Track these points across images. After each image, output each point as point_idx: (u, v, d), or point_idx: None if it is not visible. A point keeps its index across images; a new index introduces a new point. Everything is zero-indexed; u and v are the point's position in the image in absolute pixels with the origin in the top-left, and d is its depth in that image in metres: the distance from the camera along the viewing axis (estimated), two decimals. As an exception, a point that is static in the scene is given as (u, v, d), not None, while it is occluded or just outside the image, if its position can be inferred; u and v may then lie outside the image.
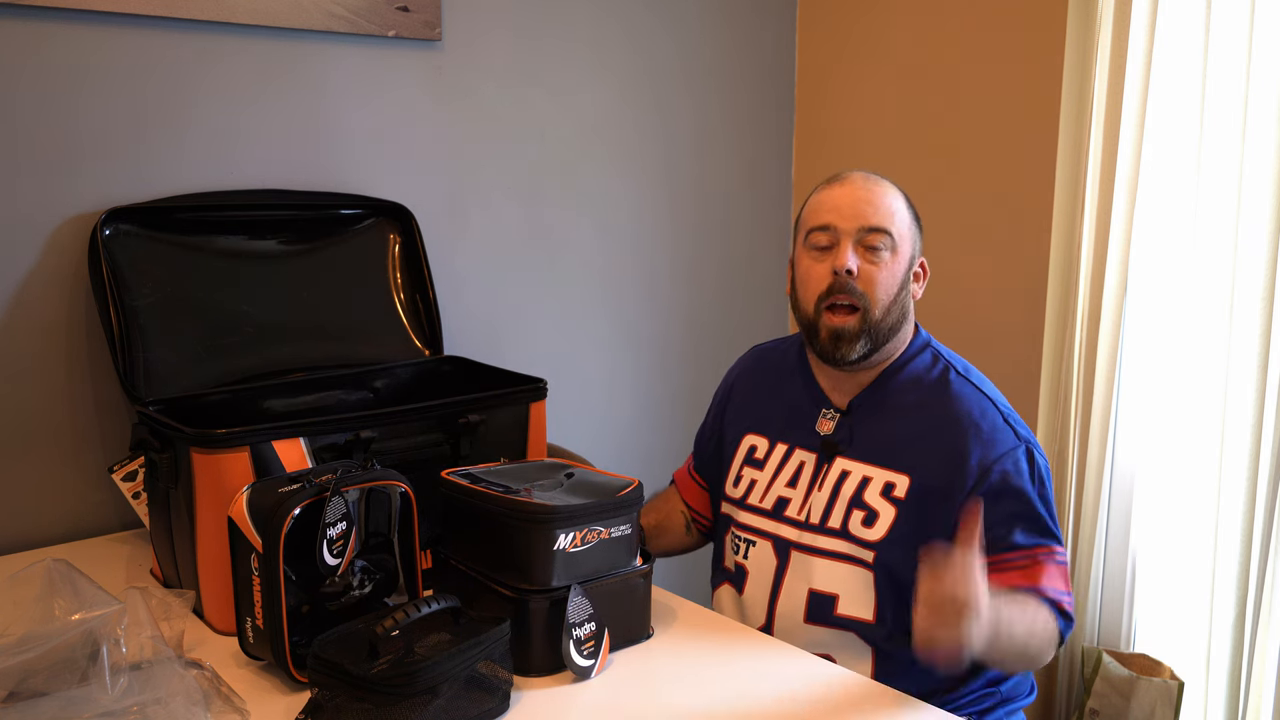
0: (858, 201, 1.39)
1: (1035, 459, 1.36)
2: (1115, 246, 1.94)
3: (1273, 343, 1.76)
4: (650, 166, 2.24)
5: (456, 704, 1.07)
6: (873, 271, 1.37)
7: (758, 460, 1.49)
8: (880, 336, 1.39)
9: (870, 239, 1.37)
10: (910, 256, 1.41)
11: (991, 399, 1.39)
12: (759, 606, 1.44)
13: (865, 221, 1.38)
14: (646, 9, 2.17)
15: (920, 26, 2.21)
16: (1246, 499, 1.82)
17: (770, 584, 1.43)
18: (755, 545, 1.46)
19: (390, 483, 1.22)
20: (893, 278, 1.38)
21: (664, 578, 1.40)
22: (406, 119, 1.87)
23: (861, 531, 1.36)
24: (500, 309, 2.05)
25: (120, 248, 1.56)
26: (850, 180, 1.42)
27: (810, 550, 1.40)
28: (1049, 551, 1.33)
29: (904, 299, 1.41)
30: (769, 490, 1.46)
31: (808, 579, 1.39)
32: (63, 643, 1.02)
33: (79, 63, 1.55)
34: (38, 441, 1.58)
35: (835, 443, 1.42)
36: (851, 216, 1.38)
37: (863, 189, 1.40)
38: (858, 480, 1.39)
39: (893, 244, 1.38)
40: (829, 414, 1.45)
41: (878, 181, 1.42)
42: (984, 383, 1.42)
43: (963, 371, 1.43)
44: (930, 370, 1.43)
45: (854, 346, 1.38)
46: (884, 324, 1.38)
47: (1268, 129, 1.75)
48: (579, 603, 1.19)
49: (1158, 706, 1.89)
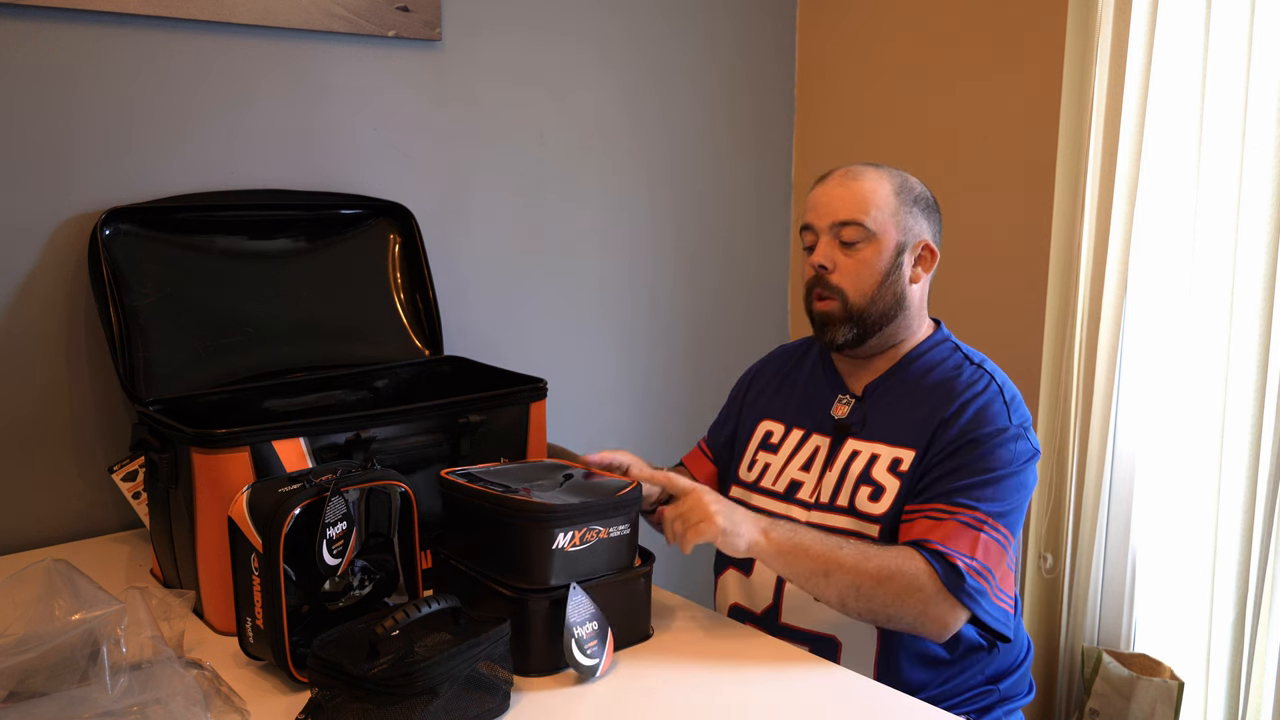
0: (831, 199, 1.42)
1: (1021, 446, 1.35)
2: (1115, 246, 1.94)
3: (1273, 342, 1.76)
4: (650, 166, 2.24)
5: (456, 704, 1.07)
6: (847, 264, 1.41)
7: (772, 445, 1.51)
8: (868, 322, 1.42)
9: (844, 233, 1.40)
10: (898, 243, 1.41)
11: (1000, 386, 1.40)
12: (766, 588, 1.44)
13: (835, 217, 1.41)
14: (646, 9, 2.17)
15: (920, 27, 2.21)
16: (1246, 499, 1.82)
17: None
18: None
19: (390, 483, 1.22)
20: (869, 268, 1.40)
21: (664, 577, 1.40)
22: (406, 119, 1.87)
23: (868, 506, 1.38)
24: (500, 309, 2.05)
25: (120, 248, 1.56)
26: (830, 177, 1.45)
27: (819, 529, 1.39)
28: (977, 518, 1.30)
29: (893, 285, 1.41)
30: (782, 473, 1.48)
31: None
32: (63, 643, 1.02)
33: (79, 62, 1.55)
34: (38, 441, 1.58)
35: (848, 425, 1.45)
36: (825, 214, 1.42)
37: (838, 185, 1.43)
38: (866, 458, 1.41)
39: (868, 234, 1.40)
40: (845, 399, 1.47)
41: (857, 175, 1.43)
42: (998, 372, 1.43)
43: (978, 361, 1.44)
44: (947, 360, 1.45)
45: (839, 330, 1.42)
46: (870, 310, 1.41)
47: (1268, 129, 1.75)
48: (580, 601, 1.19)
49: (1158, 706, 1.89)
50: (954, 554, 1.27)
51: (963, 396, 1.38)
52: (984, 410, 1.36)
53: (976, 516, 1.30)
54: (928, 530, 1.30)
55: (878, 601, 1.27)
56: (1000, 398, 1.38)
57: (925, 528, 1.30)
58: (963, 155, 2.16)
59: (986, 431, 1.35)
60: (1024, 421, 1.38)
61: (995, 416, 1.36)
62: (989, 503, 1.31)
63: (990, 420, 1.35)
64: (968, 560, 1.27)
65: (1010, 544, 1.34)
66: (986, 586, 1.29)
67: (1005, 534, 1.32)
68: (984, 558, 1.29)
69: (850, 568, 1.26)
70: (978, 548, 1.29)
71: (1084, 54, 1.98)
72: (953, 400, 1.38)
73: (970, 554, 1.28)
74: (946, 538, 1.29)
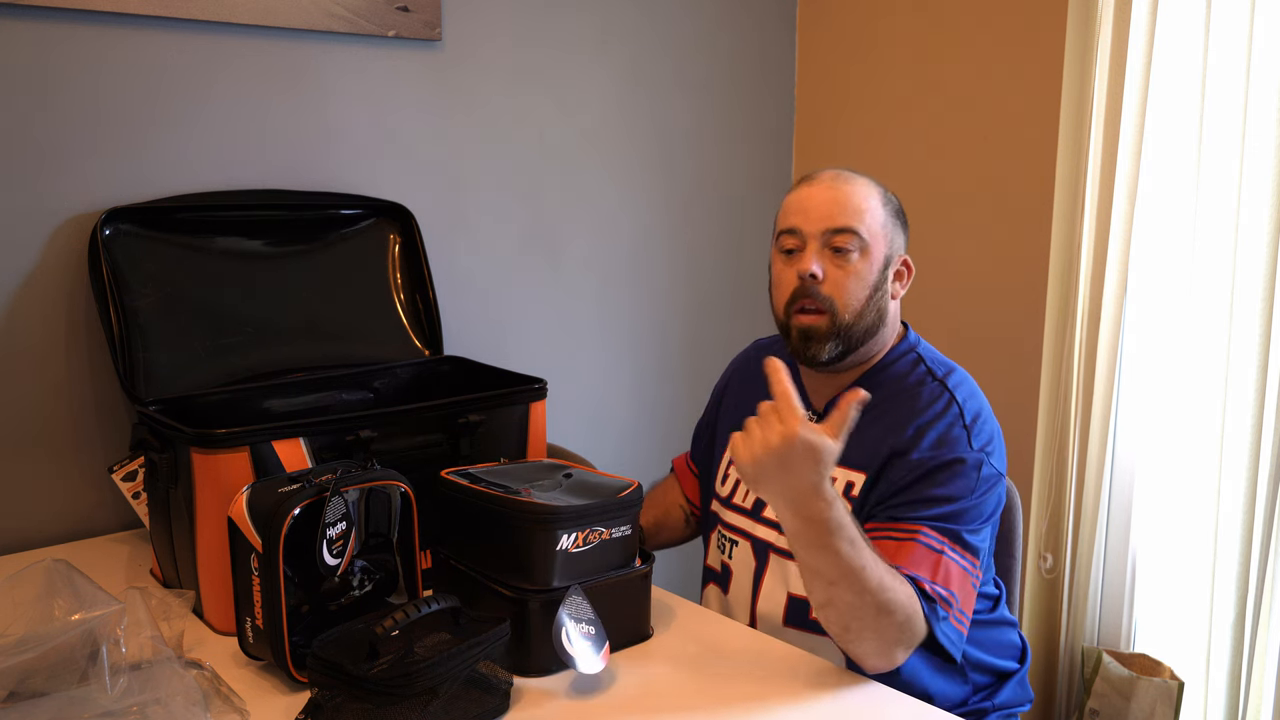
0: (824, 202, 1.34)
1: (984, 473, 1.29)
2: (1115, 246, 1.94)
3: (1273, 342, 1.76)
4: (650, 166, 2.24)
5: (456, 704, 1.07)
6: (839, 276, 1.33)
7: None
8: (853, 339, 1.35)
9: (836, 240, 1.33)
10: (885, 256, 1.35)
11: (961, 407, 1.32)
12: (742, 607, 1.43)
13: (830, 223, 1.33)
14: (646, 9, 2.17)
15: (920, 27, 2.21)
16: (1246, 499, 1.82)
17: (751, 585, 1.42)
18: (738, 545, 1.45)
19: (390, 483, 1.22)
20: (860, 280, 1.33)
21: (664, 578, 1.40)
22: (406, 119, 1.87)
23: None
24: (500, 309, 2.05)
25: (120, 248, 1.56)
26: (819, 179, 1.37)
27: (787, 554, 1.37)
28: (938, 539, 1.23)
29: (879, 300, 1.35)
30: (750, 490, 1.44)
31: (785, 582, 1.37)
32: (63, 643, 1.02)
33: (79, 62, 1.55)
34: (38, 441, 1.58)
35: None
36: (817, 218, 1.33)
37: (830, 188, 1.35)
38: None
39: (862, 244, 1.33)
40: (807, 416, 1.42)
41: (849, 179, 1.36)
42: (962, 388, 1.35)
43: (941, 376, 1.36)
44: (909, 375, 1.37)
45: (824, 347, 1.34)
46: (856, 326, 1.34)
47: (1268, 129, 1.75)
48: (578, 602, 1.19)
49: (1158, 706, 1.89)
50: (921, 579, 1.21)
51: (919, 419, 1.31)
52: (942, 437, 1.29)
53: (935, 538, 1.24)
54: (891, 553, 1.22)
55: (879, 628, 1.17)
56: (960, 421, 1.31)
57: (888, 552, 1.22)
58: (963, 155, 2.16)
59: (945, 459, 1.28)
60: (985, 444, 1.31)
61: (954, 442, 1.29)
62: (950, 524, 1.25)
63: (949, 446, 1.29)
64: (934, 586, 1.22)
65: (973, 569, 1.27)
66: (949, 611, 1.22)
67: (967, 559, 1.26)
68: (945, 581, 1.23)
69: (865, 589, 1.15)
70: (939, 570, 1.23)
71: (1084, 54, 1.98)
72: (908, 423, 1.31)
73: (932, 578, 1.22)
74: (910, 562, 1.22)
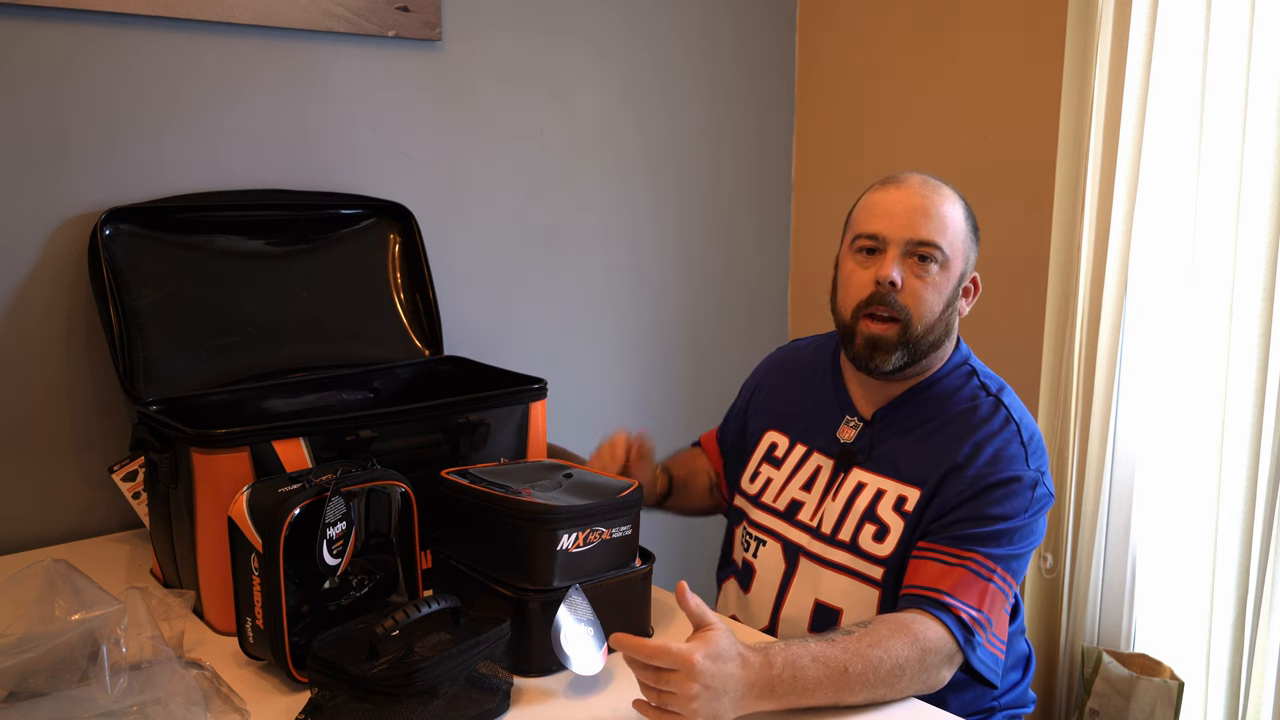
0: (911, 210, 1.31)
1: (1037, 493, 1.29)
2: (1115, 246, 1.94)
3: (1273, 342, 1.76)
4: (650, 166, 2.24)
5: (456, 704, 1.07)
6: (918, 286, 1.30)
7: (776, 459, 1.47)
8: (920, 351, 1.33)
9: (920, 251, 1.30)
10: (961, 272, 1.34)
11: (1019, 425, 1.32)
12: (764, 609, 1.43)
13: (916, 234, 1.30)
14: (646, 9, 2.17)
15: (920, 27, 2.21)
16: (1246, 499, 1.82)
17: (777, 588, 1.41)
18: (765, 545, 1.44)
19: (390, 483, 1.22)
20: (939, 294, 1.31)
21: (664, 578, 1.40)
22: (406, 119, 1.87)
23: (872, 546, 1.33)
24: (500, 309, 2.05)
25: (120, 248, 1.56)
26: (907, 184, 1.34)
27: (819, 560, 1.37)
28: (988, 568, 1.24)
29: (949, 315, 1.34)
30: (783, 491, 1.44)
31: (815, 589, 1.37)
32: (63, 643, 1.02)
33: (79, 62, 1.55)
34: (38, 441, 1.58)
35: (854, 452, 1.38)
36: (902, 226, 1.30)
37: (918, 196, 1.32)
38: (872, 493, 1.35)
39: (943, 258, 1.31)
40: (852, 421, 1.41)
41: (936, 188, 1.33)
42: (1016, 408, 1.35)
43: (995, 392, 1.36)
44: (962, 389, 1.37)
45: (890, 357, 1.32)
46: (925, 340, 1.32)
47: (1268, 129, 1.75)
48: (578, 602, 1.19)
49: (1158, 706, 1.89)
50: (960, 606, 1.21)
51: (977, 435, 1.31)
52: (1000, 453, 1.29)
53: (986, 566, 1.24)
54: (938, 578, 1.24)
55: (896, 692, 1.16)
56: (1018, 439, 1.31)
57: (935, 574, 1.24)
58: (963, 155, 2.16)
59: (1003, 477, 1.27)
60: (1041, 465, 1.31)
61: (1012, 460, 1.29)
62: (999, 549, 1.25)
63: (1007, 464, 1.28)
64: (972, 612, 1.22)
65: (1012, 590, 1.28)
66: (983, 636, 1.23)
67: (1010, 581, 1.27)
68: (988, 609, 1.23)
69: (863, 684, 1.13)
70: (985, 598, 1.23)
71: (1084, 54, 1.98)
72: (965, 439, 1.30)
73: (977, 605, 1.22)
74: (955, 587, 1.23)
